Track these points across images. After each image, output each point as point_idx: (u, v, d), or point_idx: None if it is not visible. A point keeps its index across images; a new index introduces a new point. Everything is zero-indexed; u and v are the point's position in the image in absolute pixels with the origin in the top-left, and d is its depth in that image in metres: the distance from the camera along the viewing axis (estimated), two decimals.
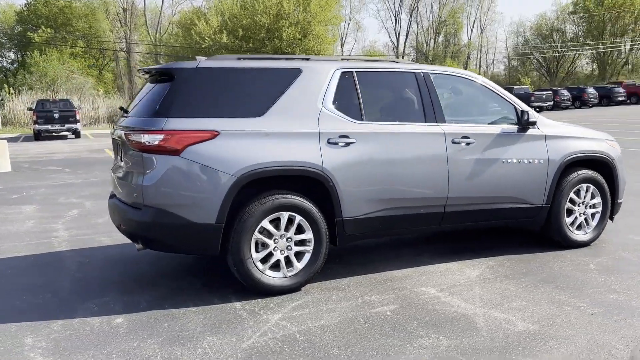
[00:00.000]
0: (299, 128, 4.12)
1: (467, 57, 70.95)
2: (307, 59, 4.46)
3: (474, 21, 74.28)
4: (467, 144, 4.65)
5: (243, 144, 3.93)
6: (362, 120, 4.35)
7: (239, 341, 3.35)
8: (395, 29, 73.98)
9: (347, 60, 4.61)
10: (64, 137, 25.04)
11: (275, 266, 4.10)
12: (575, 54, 64.80)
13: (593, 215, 5.31)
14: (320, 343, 3.30)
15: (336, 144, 4.18)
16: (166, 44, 45.91)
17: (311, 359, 3.11)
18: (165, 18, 59.58)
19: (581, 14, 61.92)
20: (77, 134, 24.92)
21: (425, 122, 4.59)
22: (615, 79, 53.61)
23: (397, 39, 73.11)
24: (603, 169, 5.34)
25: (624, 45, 62.00)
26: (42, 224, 6.81)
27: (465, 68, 61.37)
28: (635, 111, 31.93)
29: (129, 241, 5.74)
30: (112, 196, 4.59)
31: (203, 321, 3.66)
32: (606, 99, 39.87)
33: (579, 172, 5.16)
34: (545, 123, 5.09)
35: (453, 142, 4.60)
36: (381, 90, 4.68)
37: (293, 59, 4.50)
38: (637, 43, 60.28)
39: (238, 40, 36.30)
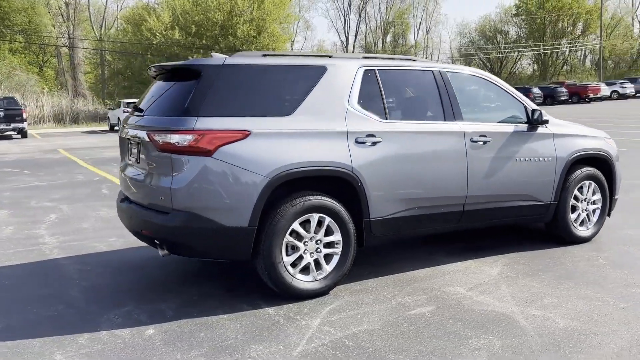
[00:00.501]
0: (328, 127, 4.01)
1: None
2: (330, 57, 4.36)
3: (420, 22, 75.85)
4: (484, 142, 4.68)
5: (274, 144, 3.79)
6: (386, 119, 4.30)
7: (287, 349, 3.22)
8: (344, 29, 74.59)
9: (367, 57, 4.54)
10: (9, 137, 23.76)
11: (304, 269, 3.99)
12: (517, 55, 67.25)
13: (594, 211, 5.46)
14: (372, 348, 3.21)
15: (364, 143, 4.10)
16: (114, 40, 44.26)
17: None
18: (110, 13, 57.67)
19: (523, 17, 64.31)
20: (23, 133, 23.73)
21: (445, 120, 4.58)
22: (555, 79, 55.97)
23: (347, 39, 73.73)
24: (603, 166, 5.50)
25: (563, 47, 64.85)
26: (23, 230, 6.38)
27: None
28: (577, 110, 33.41)
29: (126, 247, 5.51)
30: (125, 199, 4.32)
31: (240, 329, 3.50)
32: (550, 98, 41.53)
33: (582, 170, 5.29)
34: (552, 122, 5.18)
35: (472, 141, 4.61)
36: (402, 88, 4.63)
37: (316, 56, 4.39)
38: (574, 45, 63.15)
39: (191, 36, 35.55)
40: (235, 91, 3.84)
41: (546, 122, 4.96)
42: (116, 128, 28.60)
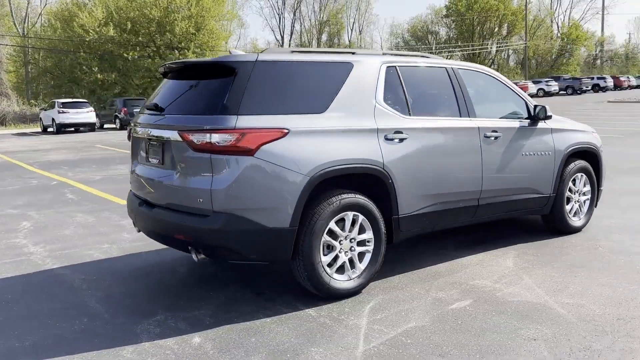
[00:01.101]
0: (359, 125, 3.98)
1: None
2: (353, 53, 4.32)
3: (353, 22, 76.91)
4: (495, 137, 4.80)
5: (312, 142, 3.71)
6: (409, 115, 4.31)
7: (348, 350, 3.16)
8: (279, 27, 74.40)
9: (387, 54, 4.54)
10: None
11: (339, 269, 3.93)
12: (448, 55, 69.55)
13: (585, 202, 5.72)
14: (432, 344, 3.21)
15: (392, 140, 4.10)
16: (41, 37, 41.85)
17: None
18: (33, 8, 54.54)
19: (453, 18, 66.62)
20: None
21: (460, 116, 4.66)
22: None
23: (282, 37, 73.57)
24: (591, 159, 5.77)
25: (491, 47, 67.76)
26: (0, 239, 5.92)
27: None
28: None
29: (124, 254, 5.24)
30: (144, 203, 4.08)
31: (291, 332, 3.41)
32: None
33: (576, 163, 5.53)
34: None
35: (485, 136, 4.72)
36: (421, 85, 4.65)
37: (340, 52, 4.34)
38: (501, 45, 66.08)
39: (126, 33, 34.24)
40: (270, 88, 3.73)
41: (550, 117, 5.15)
42: (50, 129, 27.12)
